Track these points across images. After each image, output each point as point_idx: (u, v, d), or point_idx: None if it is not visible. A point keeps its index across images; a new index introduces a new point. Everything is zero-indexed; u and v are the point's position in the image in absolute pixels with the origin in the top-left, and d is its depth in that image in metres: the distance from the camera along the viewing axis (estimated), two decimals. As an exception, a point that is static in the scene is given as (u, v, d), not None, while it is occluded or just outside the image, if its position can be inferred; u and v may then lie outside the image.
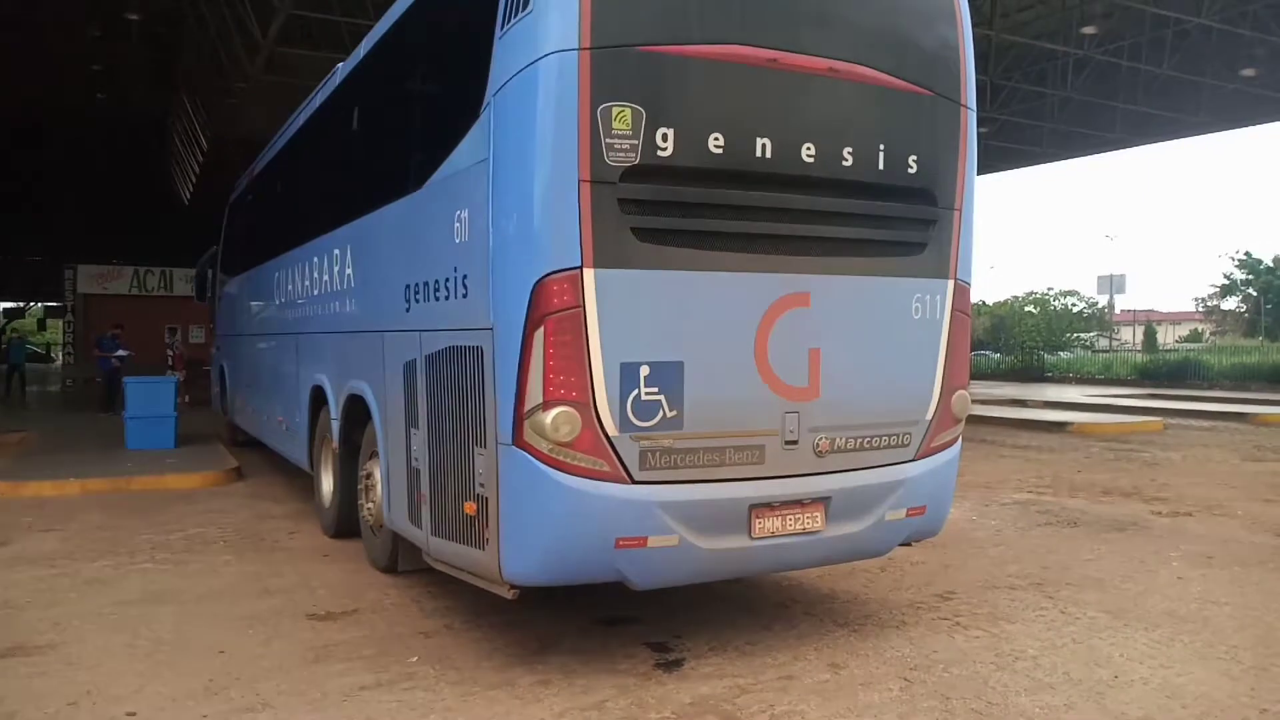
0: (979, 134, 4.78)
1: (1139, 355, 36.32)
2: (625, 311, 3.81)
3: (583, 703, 3.82)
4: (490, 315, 3.95)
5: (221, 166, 21.67)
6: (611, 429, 3.79)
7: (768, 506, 4.13)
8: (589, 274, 3.72)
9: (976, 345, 41.11)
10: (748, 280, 4.07)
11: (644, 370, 3.85)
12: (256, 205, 10.74)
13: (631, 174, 3.77)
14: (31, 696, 3.84)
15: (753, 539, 4.11)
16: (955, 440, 4.79)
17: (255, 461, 10.57)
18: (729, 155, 3.95)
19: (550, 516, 3.80)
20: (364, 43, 6.36)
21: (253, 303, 10.44)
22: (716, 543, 4.03)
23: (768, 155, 4.03)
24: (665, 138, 3.81)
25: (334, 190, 6.91)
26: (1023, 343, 36.05)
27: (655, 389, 3.87)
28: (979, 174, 4.87)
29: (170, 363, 17.05)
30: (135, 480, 9.19)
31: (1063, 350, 36.48)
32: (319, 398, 6.96)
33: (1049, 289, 51.30)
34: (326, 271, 6.82)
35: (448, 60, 4.87)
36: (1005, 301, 51.91)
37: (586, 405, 3.74)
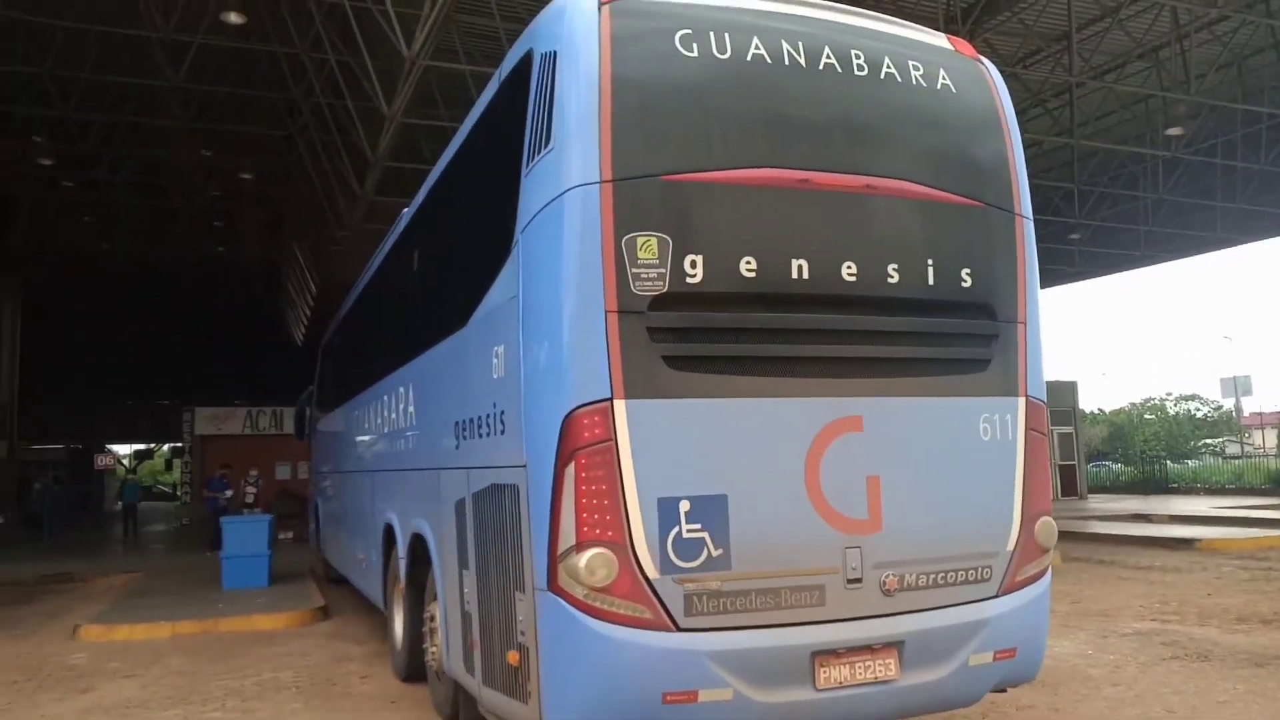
0: (1071, 241, 4.53)
1: (1274, 460, 33.51)
2: (661, 443, 3.64)
3: None
4: (524, 451, 3.84)
5: (329, 309, 22.78)
6: (652, 571, 3.56)
7: (833, 653, 3.78)
8: (620, 405, 3.59)
9: (1095, 456, 38.97)
10: (792, 406, 3.86)
11: (684, 505, 3.64)
12: (341, 346, 11.16)
13: (660, 302, 3.68)
14: None
15: (818, 690, 3.75)
16: (1044, 572, 4.36)
17: (344, 599, 10.57)
18: (763, 278, 3.82)
19: (589, 670, 3.56)
20: (421, 188, 6.62)
21: (338, 440, 10.68)
22: (777, 695, 3.68)
23: (805, 276, 3.89)
24: (694, 264, 3.72)
25: (399, 329, 7.06)
26: (1143, 452, 33.86)
27: (698, 525, 3.64)
28: (1073, 282, 4.61)
29: (251, 500, 17.53)
30: (223, 621, 9.27)
31: (1188, 459, 34.06)
32: (390, 536, 6.94)
33: (1167, 394, 48.63)
34: (394, 409, 6.91)
35: (484, 200, 4.96)
36: (1122, 409, 49.37)
37: (623, 546, 3.54)
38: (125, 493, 25.58)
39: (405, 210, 7.31)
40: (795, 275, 3.89)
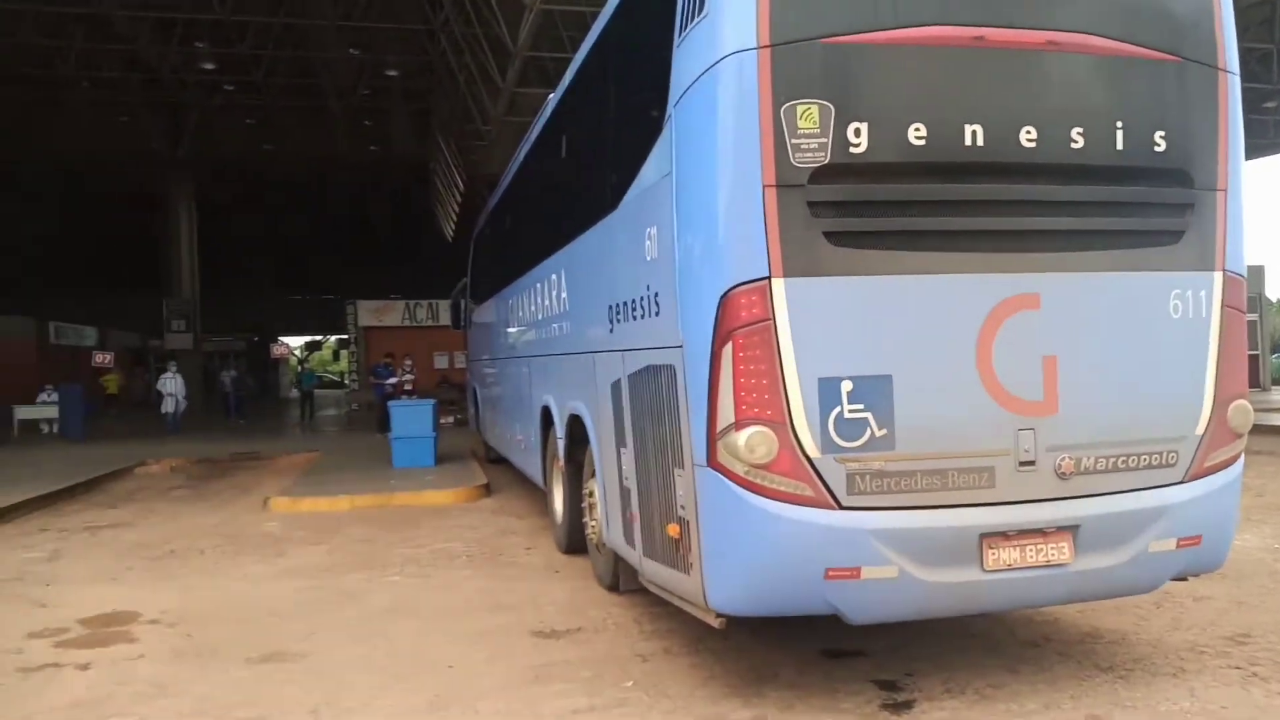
0: (1266, 110, 4.07)
1: None
2: (822, 323, 3.55)
3: (799, 743, 3.59)
4: (680, 332, 3.83)
5: (476, 204, 23.33)
6: (812, 450, 3.53)
7: (1002, 535, 3.68)
8: (778, 284, 3.50)
9: (1279, 347, 35.93)
10: (963, 282, 3.67)
11: (846, 386, 3.56)
12: (491, 237, 11.40)
13: (821, 175, 3.52)
14: (278, 702, 4.16)
15: (986, 571, 3.68)
16: (1236, 458, 4.08)
17: (504, 477, 11.13)
18: (933, 146, 3.59)
19: (750, 543, 3.60)
20: (567, 73, 6.53)
21: (493, 329, 11.05)
22: (942, 575, 3.64)
23: (979, 143, 3.63)
24: (858, 133, 3.53)
25: (550, 217, 7.12)
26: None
27: (860, 406, 3.57)
28: (1266, 155, 4.16)
29: (409, 388, 18.45)
30: (396, 496, 9.95)
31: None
32: (547, 418, 7.18)
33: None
34: (547, 296, 7.04)
35: (633, 78, 4.84)
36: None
37: (783, 425, 3.51)
38: (303, 380, 27.61)
39: (551, 96, 7.27)
40: (968, 142, 3.64)
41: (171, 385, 21.39)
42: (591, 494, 5.92)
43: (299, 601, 5.97)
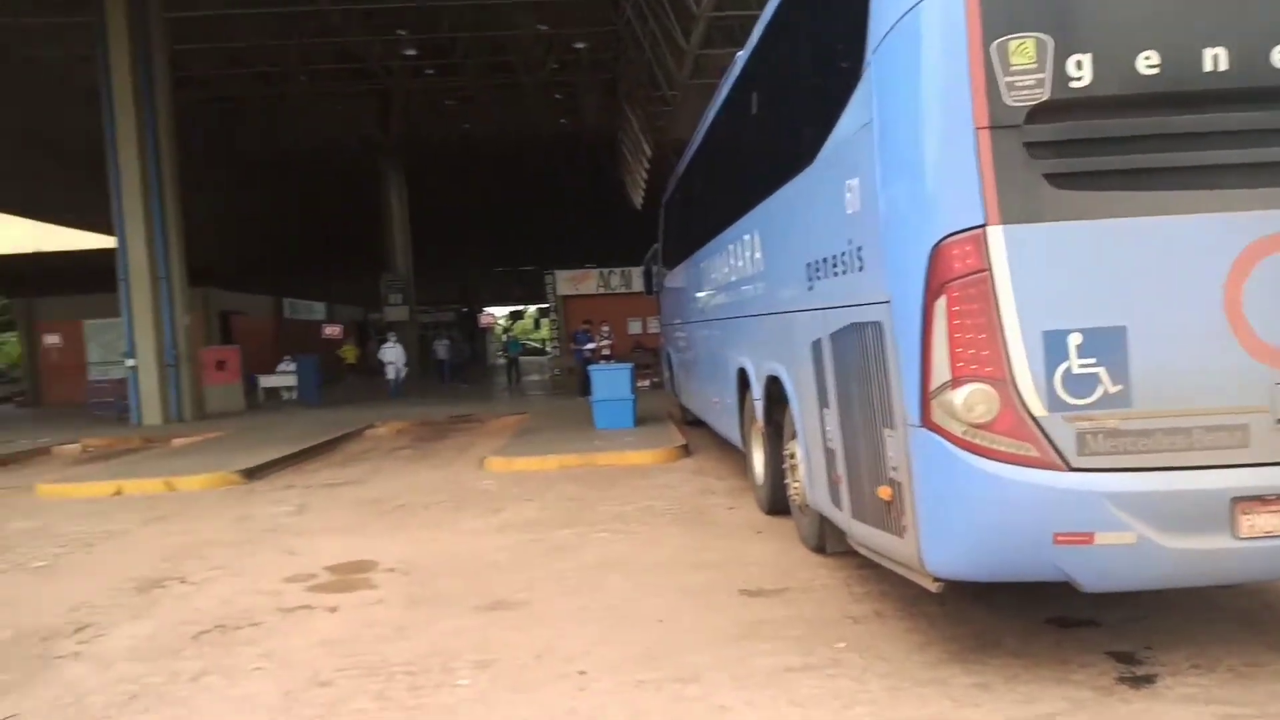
0: None
1: None
2: (1045, 272, 3.33)
3: (1027, 714, 3.44)
4: (887, 287, 3.71)
5: (664, 171, 23.54)
6: (1037, 408, 3.34)
7: (1259, 500, 3.35)
8: (995, 232, 3.31)
9: None
10: (1208, 223, 3.34)
11: (1074, 339, 3.33)
12: (682, 202, 11.45)
13: (1040, 113, 3.29)
14: (507, 647, 4.43)
15: (1239, 539, 3.36)
16: None
17: (701, 438, 11.27)
18: (1167, 75, 3.28)
19: (970, 506, 3.46)
20: (755, 28, 6.41)
21: (685, 292, 11.13)
22: (1188, 542, 3.36)
23: (1221, 68, 3.27)
24: (1079, 65, 3.27)
25: (742, 176, 7.05)
26: None
27: (1091, 360, 3.33)
28: None
29: (608, 353, 18.88)
30: (600, 456, 10.29)
31: None
32: (743, 379, 7.18)
33: None
34: (740, 257, 7.01)
35: (826, 27, 4.69)
36: None
37: (1003, 381, 3.34)
38: (510, 348, 29.06)
39: (739, 54, 7.17)
40: (1209, 68, 3.30)
41: (392, 354, 23.04)
42: (793, 455, 5.88)
43: (516, 555, 6.32)
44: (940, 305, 3.40)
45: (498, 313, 63.26)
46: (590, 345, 19.50)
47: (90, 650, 4.69)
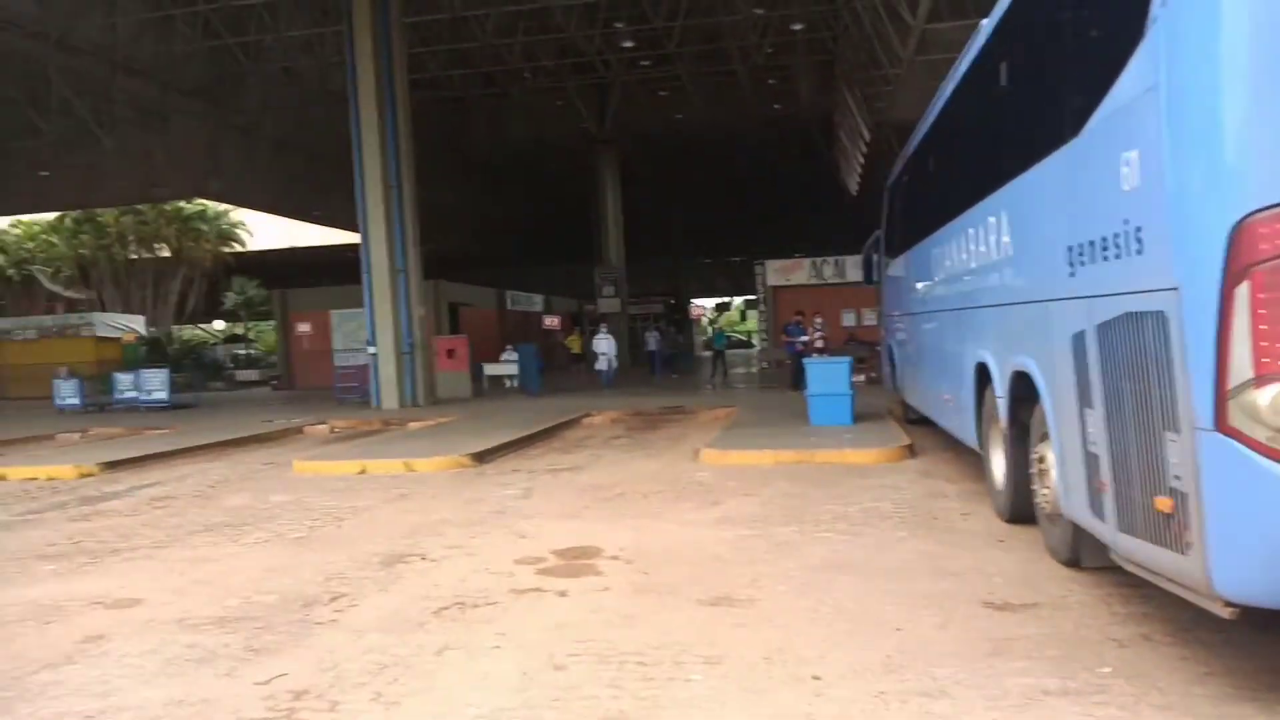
0: None
1: None
2: None
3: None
4: (1173, 273, 3.27)
5: (882, 154, 22.70)
6: (1368, 411, 2.83)
7: None
8: (1314, 206, 2.83)
9: None
10: None
11: None
12: (911, 185, 10.89)
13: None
14: (735, 645, 4.32)
15: None
16: None
17: (926, 438, 10.73)
18: None
19: (1274, 523, 2.99)
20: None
21: (913, 281, 10.59)
22: None
23: None
24: None
25: (985, 155, 6.56)
26: None
27: None
28: None
29: (821, 346, 18.35)
30: (817, 453, 10.00)
31: None
32: (982, 375, 6.70)
33: None
34: (983, 242, 6.52)
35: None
36: None
37: (1323, 380, 2.85)
38: (716, 340, 29.11)
39: (984, 22, 6.67)
40: None
41: (604, 345, 23.64)
42: (1042, 459, 5.40)
43: (738, 549, 6.21)
44: (1242, 292, 2.96)
45: (704, 304, 63.67)
46: (803, 338, 19.14)
47: (344, 619, 5.01)
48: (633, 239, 36.88)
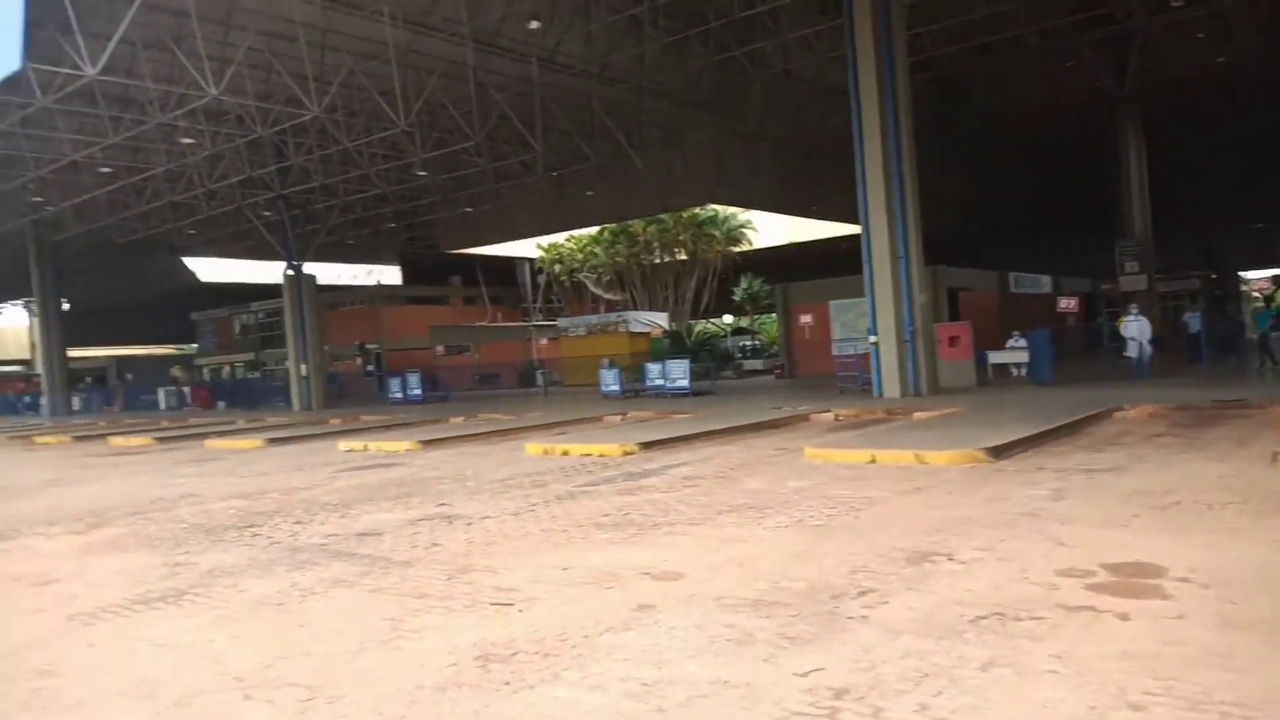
0: None
1: None
2: None
3: None
4: None
5: None
6: None
7: None
8: None
9: None
10: None
11: None
12: None
13: None
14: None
15: None
16: None
17: None
18: None
19: None
20: None
21: None
22: None
23: None
24: None
25: None
26: None
27: None
28: None
29: None
30: None
31: None
32: None
33: None
34: None
35: None
36: None
37: None
38: (1259, 321, 24.05)
39: None
40: None
41: (1135, 329, 20.79)
42: None
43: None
44: None
45: (1256, 277, 53.79)
46: None
47: (875, 616, 4.84)
48: (1159, 207, 32.19)
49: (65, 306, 40.81)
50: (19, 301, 48.44)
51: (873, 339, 19.19)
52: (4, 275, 41.83)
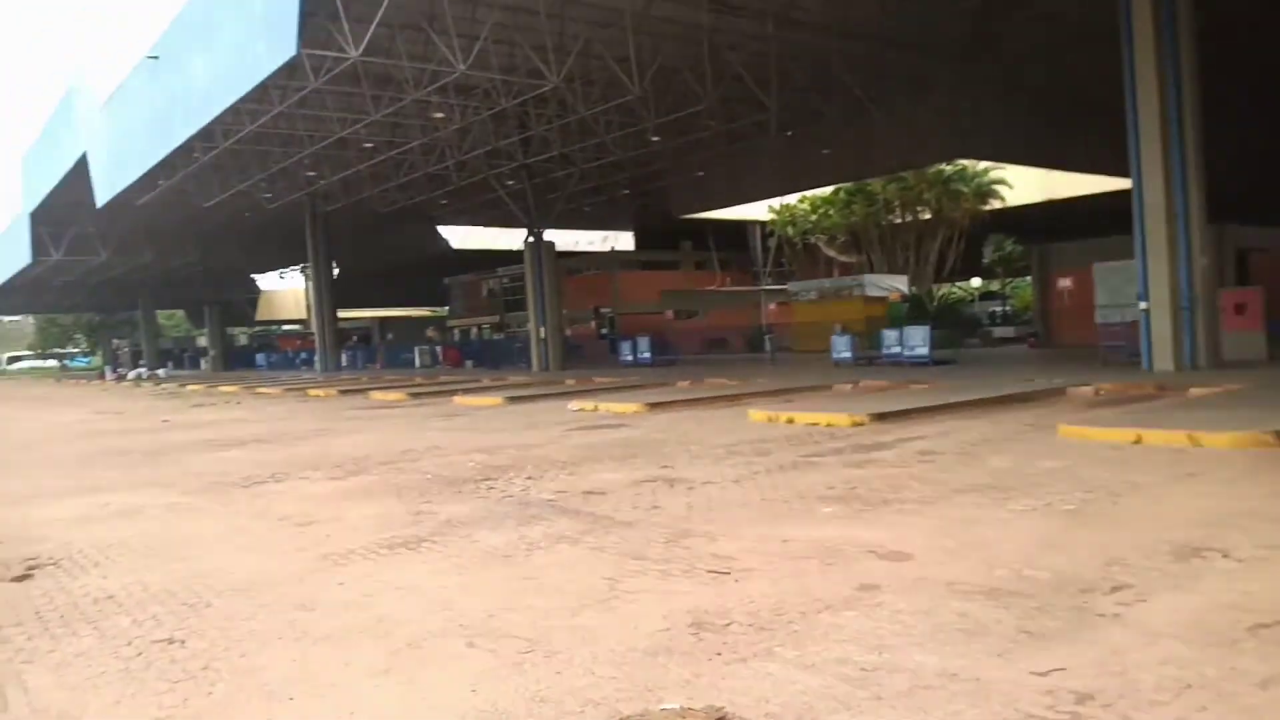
0: None
1: None
2: None
3: None
4: None
5: None
6: None
7: None
8: None
9: None
10: None
11: None
12: None
13: None
14: None
15: None
16: None
17: None
18: None
19: None
20: None
21: None
22: None
23: None
24: None
25: None
26: None
27: None
28: None
29: None
30: None
31: None
32: None
33: None
34: None
35: None
36: None
37: None
38: None
39: None
40: None
41: None
42: None
43: None
44: None
45: None
46: None
47: (1130, 615, 4.30)
48: None
49: (335, 272, 45.33)
50: (296, 267, 54.26)
51: (1143, 306, 17.30)
52: (285, 243, 46.91)
